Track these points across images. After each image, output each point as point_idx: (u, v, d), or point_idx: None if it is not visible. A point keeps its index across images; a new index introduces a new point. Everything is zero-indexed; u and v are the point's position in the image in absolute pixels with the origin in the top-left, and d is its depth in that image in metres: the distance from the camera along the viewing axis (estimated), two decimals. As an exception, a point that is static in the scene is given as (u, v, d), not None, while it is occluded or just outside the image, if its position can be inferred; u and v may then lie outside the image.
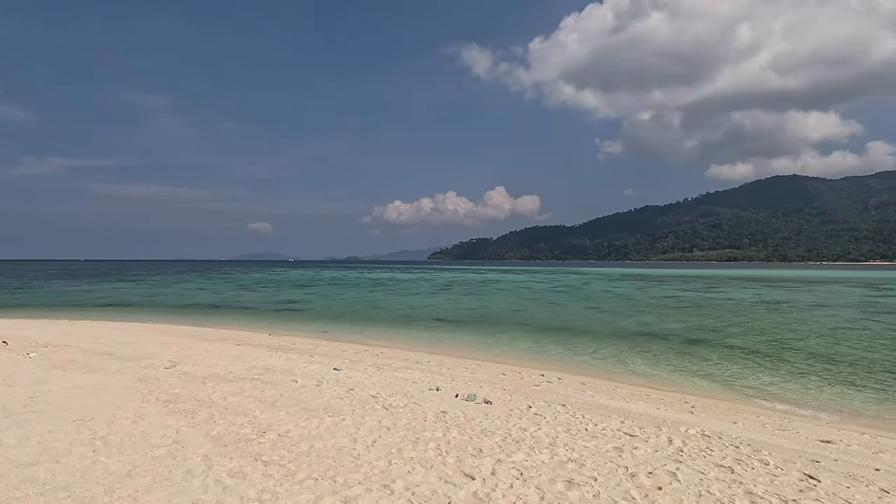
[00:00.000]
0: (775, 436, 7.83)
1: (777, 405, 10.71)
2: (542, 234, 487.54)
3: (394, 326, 22.85)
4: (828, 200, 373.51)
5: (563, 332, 20.72)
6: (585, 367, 14.38)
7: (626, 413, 8.49)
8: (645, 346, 17.60)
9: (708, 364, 14.61)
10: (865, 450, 7.37)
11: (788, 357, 15.50)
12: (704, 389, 12.00)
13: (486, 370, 13.06)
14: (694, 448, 6.41)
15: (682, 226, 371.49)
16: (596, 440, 6.44)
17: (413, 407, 7.63)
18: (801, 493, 5.01)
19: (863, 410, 10.32)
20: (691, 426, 7.74)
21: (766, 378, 12.95)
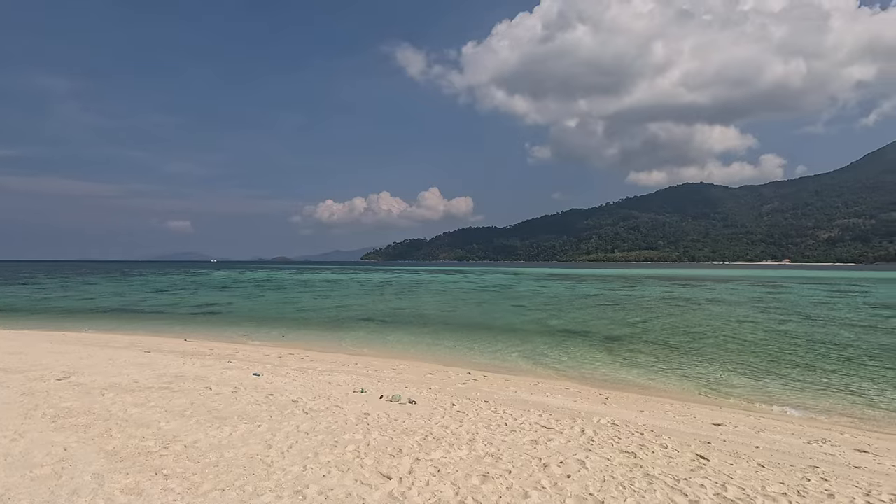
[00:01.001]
0: (676, 421, 8.52)
1: (676, 391, 11.66)
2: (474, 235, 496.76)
3: (321, 329, 22.26)
4: (729, 206, 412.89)
5: (490, 331, 21.22)
6: (511, 365, 14.83)
7: (545, 407, 8.85)
8: (567, 342, 18.46)
9: (623, 358, 15.59)
10: (749, 430, 8.21)
11: (692, 349, 16.93)
12: (618, 382, 12.81)
13: (415, 370, 13.07)
14: (604, 437, 6.82)
15: (605, 228, 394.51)
16: (514, 434, 6.66)
17: (335, 410, 7.48)
18: (692, 472, 5.48)
19: (747, 395, 11.50)
20: (603, 416, 8.22)
21: (675, 369, 14.05)
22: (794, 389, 11.91)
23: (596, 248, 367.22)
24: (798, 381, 12.60)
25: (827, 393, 11.56)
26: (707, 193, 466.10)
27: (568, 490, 4.71)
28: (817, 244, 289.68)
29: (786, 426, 8.79)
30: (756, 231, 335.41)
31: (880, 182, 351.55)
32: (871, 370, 13.74)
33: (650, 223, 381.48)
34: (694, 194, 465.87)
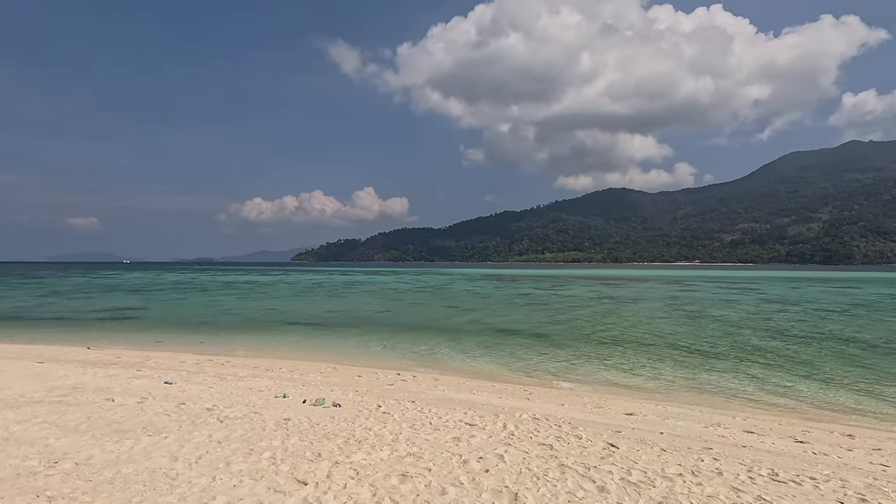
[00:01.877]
0: (592, 413, 9.00)
1: (598, 385, 12.34)
2: (410, 235, 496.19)
3: (245, 333, 21.21)
4: (648, 211, 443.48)
5: (423, 332, 21.27)
6: (441, 364, 14.95)
7: (470, 404, 9.01)
8: (496, 341, 18.91)
9: (548, 355, 16.24)
10: (657, 418, 8.85)
11: (613, 344, 17.97)
12: (543, 377, 13.31)
13: (343, 373, 12.81)
14: (524, 431, 7.05)
15: (536, 230, 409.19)
16: (438, 432, 6.71)
17: (253, 417, 7.15)
18: (602, 460, 5.82)
19: (659, 386, 12.41)
20: (525, 411, 8.51)
21: (595, 363, 14.85)
22: (694, 379, 13.00)
23: (527, 249, 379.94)
24: (703, 369, 13.77)
25: (731, 379, 12.72)
26: (628, 198, 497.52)
27: (485, 484, 4.83)
28: (722, 246, 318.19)
29: (688, 412, 9.56)
30: (671, 234, 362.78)
31: (773, 191, 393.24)
32: (766, 357, 15.31)
33: (577, 226, 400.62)
34: (617, 199, 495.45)
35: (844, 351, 16.67)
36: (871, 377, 13.02)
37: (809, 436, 8.05)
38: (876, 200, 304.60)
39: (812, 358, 15.45)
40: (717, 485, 5.11)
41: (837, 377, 13.06)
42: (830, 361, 14.97)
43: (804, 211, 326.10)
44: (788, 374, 13.33)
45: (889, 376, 13.06)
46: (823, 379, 12.87)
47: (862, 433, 8.52)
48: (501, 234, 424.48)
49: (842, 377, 13.06)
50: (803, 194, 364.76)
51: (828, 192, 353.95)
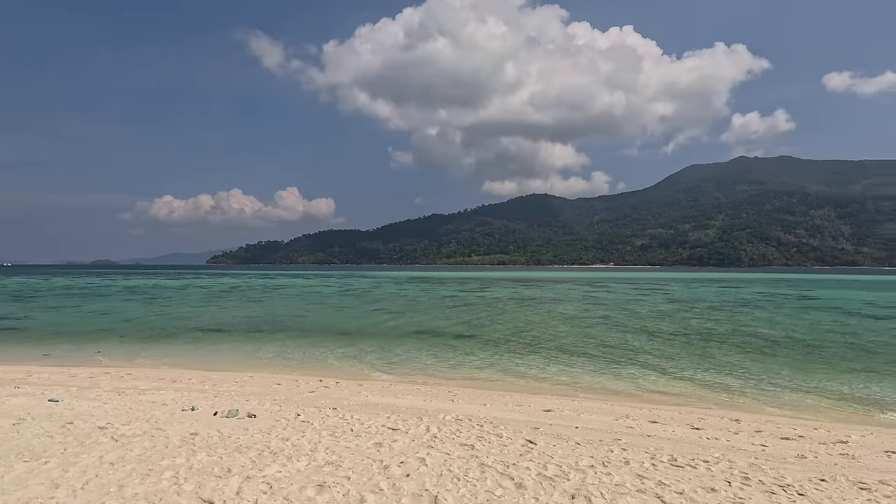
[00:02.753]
0: (513, 411, 9.25)
1: (520, 383, 12.74)
2: (336, 237, 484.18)
3: (150, 342, 19.49)
4: (567, 216, 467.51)
5: (348, 336, 20.78)
6: (366, 369, 14.68)
7: (394, 408, 8.91)
8: (422, 343, 18.93)
9: (472, 355, 16.51)
10: (573, 413, 9.29)
11: (534, 343, 18.65)
12: (467, 378, 13.50)
13: (260, 382, 12.16)
14: (447, 432, 7.09)
15: (463, 233, 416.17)
16: (359, 439, 6.55)
17: (154, 434, 6.55)
18: (521, 457, 5.98)
19: (576, 382, 13.06)
20: (449, 413, 8.57)
21: (516, 362, 15.31)
22: (607, 373, 13.85)
23: (455, 252, 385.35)
24: (615, 364, 14.69)
25: (639, 373, 13.67)
26: (550, 204, 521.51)
27: (405, 489, 4.77)
28: (633, 250, 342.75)
29: (601, 406, 10.13)
30: (588, 238, 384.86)
31: (676, 200, 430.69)
32: (671, 350, 16.64)
33: (503, 229, 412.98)
34: (539, 204, 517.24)
35: (734, 342, 18.57)
36: (758, 366, 14.60)
37: (704, 422, 8.84)
38: (759, 210, 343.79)
39: (710, 350, 17.03)
40: (624, 473, 5.44)
41: (728, 367, 14.49)
42: (723, 353, 16.60)
43: (702, 218, 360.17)
44: (689, 366, 14.59)
45: (771, 365, 14.73)
46: (718, 369, 14.23)
47: (747, 417, 9.51)
48: (430, 237, 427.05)
49: (732, 367, 14.51)
50: (701, 203, 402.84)
51: (721, 201, 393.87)
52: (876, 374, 13.70)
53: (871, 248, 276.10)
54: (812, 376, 13.38)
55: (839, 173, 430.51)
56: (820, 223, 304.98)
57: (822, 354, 16.66)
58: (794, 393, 11.85)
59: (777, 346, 18.26)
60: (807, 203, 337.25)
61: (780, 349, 17.53)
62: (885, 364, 14.94)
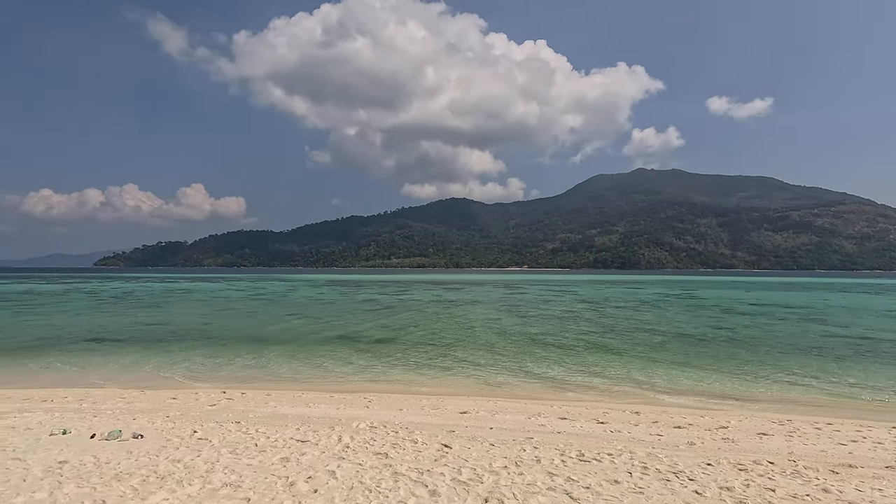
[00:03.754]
0: (430, 415, 9.16)
1: (438, 388, 12.71)
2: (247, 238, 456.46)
3: (13, 357, 16.93)
4: (485, 220, 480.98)
5: (258, 343, 19.55)
6: (273, 377, 13.87)
7: (304, 419, 8.44)
8: (338, 348, 18.30)
9: (390, 359, 16.24)
10: (488, 413, 9.40)
11: (452, 345, 18.78)
12: (384, 383, 13.23)
13: (152, 397, 10.98)
14: (360, 441, 6.81)
15: (383, 236, 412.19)
16: (263, 454, 6.08)
17: (10, 465, 5.59)
18: (436, 462, 5.89)
19: (492, 382, 13.31)
20: (363, 420, 8.27)
21: (434, 364, 15.29)
22: (523, 372, 14.29)
23: (374, 254, 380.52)
24: (530, 363, 15.19)
25: (552, 371, 14.23)
26: (469, 208, 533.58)
27: (312, 507, 4.46)
28: (546, 253, 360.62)
29: (515, 406, 10.37)
30: (504, 242, 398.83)
31: (584, 207, 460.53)
32: (580, 347, 17.54)
33: (422, 232, 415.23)
34: (458, 208, 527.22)
35: (636, 338, 20.06)
36: (656, 359, 15.84)
37: (608, 416, 9.36)
38: (655, 218, 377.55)
39: (616, 345, 18.22)
40: (535, 472, 5.54)
41: (631, 361, 15.58)
42: (626, 348, 17.84)
43: (607, 224, 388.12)
44: (598, 362, 15.48)
45: (668, 357, 16.06)
46: (623, 364, 15.23)
47: (645, 409, 10.23)
48: (348, 239, 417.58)
49: (635, 361, 15.62)
50: (606, 210, 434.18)
51: (623, 209, 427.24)
52: (749, 363, 15.46)
53: (744, 253, 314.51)
54: (699, 367, 14.78)
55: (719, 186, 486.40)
56: (704, 231, 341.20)
57: (707, 347, 18.50)
58: (686, 382, 13.00)
59: (671, 340, 20.00)
60: (694, 212, 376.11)
61: (673, 343, 19.21)
62: (756, 355, 16.92)
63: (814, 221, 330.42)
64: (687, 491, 5.04)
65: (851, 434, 8.13)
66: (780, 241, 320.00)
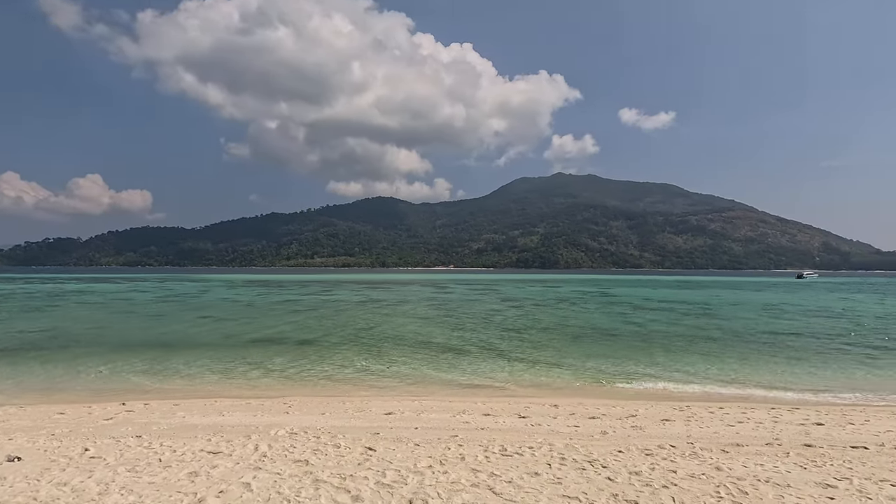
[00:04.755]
0: (354, 418, 8.94)
1: (363, 390, 12.47)
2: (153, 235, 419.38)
3: None
4: (412, 220, 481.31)
5: (165, 348, 18.03)
6: (182, 385, 12.85)
7: (217, 429, 7.88)
8: (256, 352, 17.37)
9: (314, 362, 15.68)
10: (413, 413, 9.36)
11: (378, 345, 18.51)
12: (307, 387, 12.75)
13: (34, 413, 9.70)
14: (279, 449, 6.47)
15: (306, 234, 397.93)
16: (168, 470, 5.58)
17: None
18: (359, 466, 5.74)
19: (418, 381, 13.29)
20: (282, 427, 7.89)
21: (358, 365, 14.98)
22: (448, 371, 14.44)
23: (296, 253, 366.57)
24: (455, 362, 15.36)
25: (478, 369, 14.47)
26: (395, 207, 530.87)
27: (223, 523, 4.16)
28: (471, 253, 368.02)
29: (440, 404, 10.42)
30: (431, 241, 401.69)
31: (508, 208, 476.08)
32: (501, 349, 18.02)
33: (348, 231, 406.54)
34: (385, 207, 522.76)
35: (556, 333, 21.01)
36: (574, 353, 16.68)
37: (529, 410, 9.69)
38: (573, 220, 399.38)
39: (538, 341, 18.94)
40: (460, 470, 5.58)
41: (553, 356, 16.29)
42: (548, 343, 18.62)
43: (528, 226, 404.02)
44: (521, 357, 16.00)
45: (585, 351, 16.98)
46: (545, 359, 15.87)
47: (563, 402, 10.72)
48: (268, 238, 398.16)
49: (556, 356, 16.34)
50: (528, 212, 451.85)
51: (543, 211, 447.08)
52: (656, 355, 16.78)
53: (650, 254, 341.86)
54: (613, 359, 15.80)
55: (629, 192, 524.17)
56: (616, 233, 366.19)
57: (618, 340, 19.83)
58: (599, 374, 13.82)
59: (588, 334, 21.20)
60: (607, 215, 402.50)
61: (589, 337, 20.37)
62: (660, 347, 18.42)
63: (708, 226, 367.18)
64: (600, 478, 5.33)
65: (738, 416, 9.07)
66: (681, 243, 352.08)
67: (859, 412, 9.64)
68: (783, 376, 13.98)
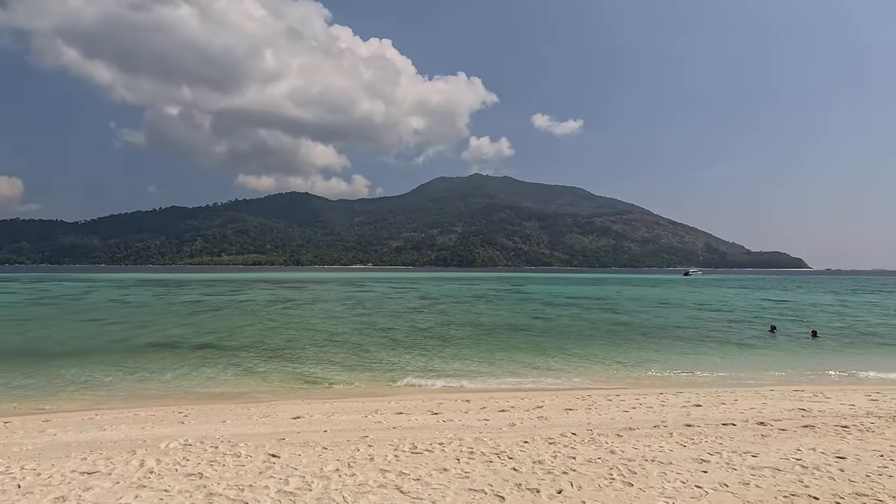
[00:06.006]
0: (258, 424, 8.44)
1: (269, 394, 11.84)
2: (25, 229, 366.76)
3: None
4: (329, 216, 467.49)
5: (35, 358, 15.84)
6: (55, 399, 11.36)
7: (96, 445, 7.04)
8: (148, 358, 15.84)
9: (217, 366, 14.61)
10: (323, 416, 9.04)
11: (287, 347, 17.69)
12: (206, 393, 11.84)
13: None
14: (168, 464, 5.92)
15: (212, 230, 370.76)
16: (30, 497, 4.87)
17: None
18: (261, 475, 5.41)
19: (332, 381, 12.89)
20: (176, 439, 7.24)
21: (267, 369, 14.20)
22: (363, 370, 14.17)
23: (201, 250, 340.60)
24: (372, 360, 15.10)
25: (393, 365, 14.32)
26: (311, 203, 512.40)
27: (94, 552, 3.69)
28: (390, 251, 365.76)
29: (352, 405, 10.18)
30: (349, 239, 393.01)
31: (427, 207, 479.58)
32: (418, 347, 18.03)
33: (259, 227, 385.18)
34: (300, 203, 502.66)
35: (473, 330, 21.47)
36: (485, 348, 17.13)
37: (442, 406, 9.78)
38: (489, 220, 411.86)
39: (452, 338, 19.20)
40: (368, 471, 5.46)
41: (465, 352, 16.59)
42: (464, 339, 18.96)
43: (447, 224, 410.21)
44: (436, 354, 16.11)
45: (491, 347, 17.50)
46: (458, 354, 16.12)
47: (475, 397, 10.96)
48: (168, 233, 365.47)
49: (467, 352, 16.67)
50: (447, 211, 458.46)
51: (461, 210, 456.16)
52: (561, 348, 17.76)
53: (560, 253, 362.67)
54: (524, 352, 16.47)
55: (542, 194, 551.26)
56: (529, 233, 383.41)
57: (529, 335, 20.72)
58: (512, 367, 14.33)
59: (500, 329, 21.91)
60: (521, 216, 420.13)
61: (503, 332, 21.07)
62: (566, 340, 19.53)
63: (611, 227, 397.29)
64: (506, 469, 5.49)
65: (632, 402, 9.85)
66: (587, 243, 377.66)
67: (730, 393, 10.90)
68: (671, 363, 15.45)
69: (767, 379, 13.57)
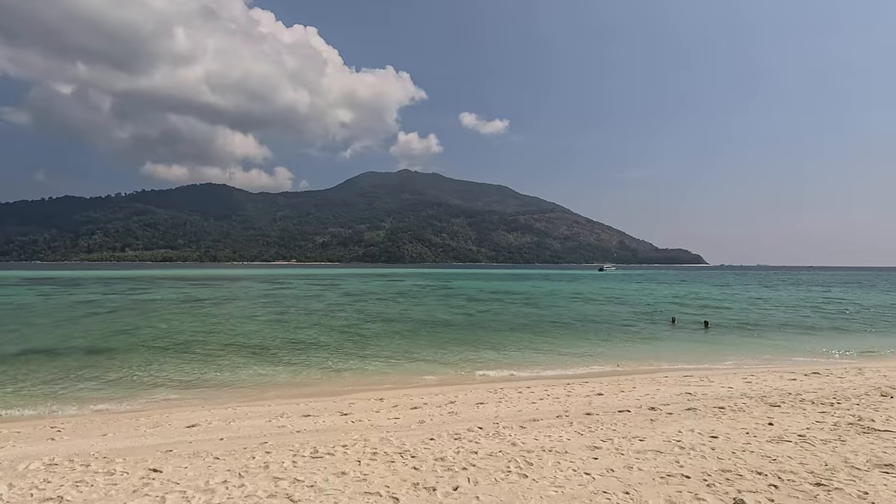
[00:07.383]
0: (145, 436, 7.70)
1: (164, 402, 10.89)
2: None
3: None
4: (249, 210, 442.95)
5: None
6: None
7: (-66, 472, 6.02)
8: (19, 366, 13.98)
9: (105, 374, 13.21)
10: (222, 423, 8.44)
11: (192, 349, 16.41)
12: (88, 404, 10.65)
13: None
14: (24, 489, 5.19)
15: (114, 223, 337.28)
16: None
17: None
18: (135, 493, 4.89)
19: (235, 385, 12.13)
20: (40, 458, 6.38)
21: (162, 375, 13.06)
22: (268, 374, 13.50)
23: (101, 245, 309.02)
24: (279, 364, 14.40)
25: (297, 368, 13.74)
26: (229, 195, 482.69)
27: None
28: (315, 247, 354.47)
29: (257, 410, 9.63)
30: (271, 234, 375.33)
31: (354, 202, 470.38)
32: (330, 346, 17.49)
33: (170, 220, 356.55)
34: (217, 195, 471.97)
35: (395, 327, 21.23)
36: (407, 347, 17.00)
37: (353, 406, 9.52)
38: (418, 216, 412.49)
39: (371, 336, 18.85)
40: (259, 480, 5.13)
41: (385, 351, 16.36)
42: (386, 338, 18.68)
43: (375, 220, 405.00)
44: (354, 353, 15.72)
45: (411, 344, 17.42)
46: (376, 353, 15.84)
47: (389, 395, 10.81)
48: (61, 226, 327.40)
49: (388, 350, 16.45)
50: (375, 206, 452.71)
51: (390, 206, 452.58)
52: (481, 341, 18.08)
53: (487, 249, 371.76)
54: (444, 348, 16.54)
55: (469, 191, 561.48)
56: (457, 229, 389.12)
57: (451, 330, 20.89)
58: (429, 364, 14.33)
59: (424, 326, 21.89)
60: (449, 213, 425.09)
61: (425, 328, 21.06)
62: (486, 333, 19.94)
63: (534, 225, 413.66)
64: (407, 468, 5.40)
65: (540, 394, 10.20)
66: (512, 240, 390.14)
67: (629, 381, 11.64)
68: (552, 355, 16.24)
69: (663, 366, 14.69)
